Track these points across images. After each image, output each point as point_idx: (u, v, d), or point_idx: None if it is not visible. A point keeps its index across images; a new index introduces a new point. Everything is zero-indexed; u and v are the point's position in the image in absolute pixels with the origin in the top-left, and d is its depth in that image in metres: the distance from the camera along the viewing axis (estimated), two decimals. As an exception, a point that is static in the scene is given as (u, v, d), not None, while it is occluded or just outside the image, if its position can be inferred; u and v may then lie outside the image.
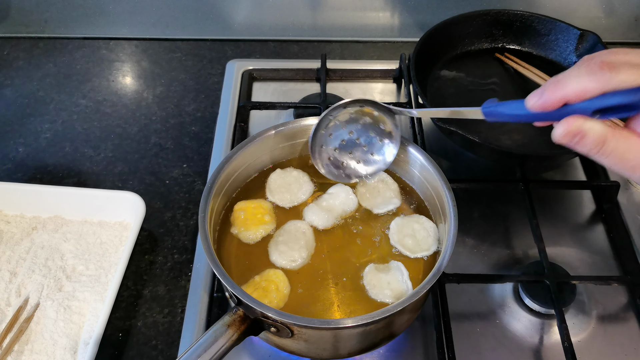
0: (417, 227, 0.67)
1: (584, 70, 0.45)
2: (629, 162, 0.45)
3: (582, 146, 0.46)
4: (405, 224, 0.68)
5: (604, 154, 0.45)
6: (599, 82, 0.44)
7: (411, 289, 0.62)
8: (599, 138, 0.45)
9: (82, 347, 0.68)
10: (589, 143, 0.45)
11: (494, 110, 0.54)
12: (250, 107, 0.96)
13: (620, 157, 0.45)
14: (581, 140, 0.45)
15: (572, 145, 0.46)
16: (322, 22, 1.13)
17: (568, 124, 0.45)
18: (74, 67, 1.08)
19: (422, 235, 0.67)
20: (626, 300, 0.74)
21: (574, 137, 0.46)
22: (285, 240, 0.66)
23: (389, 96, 1.01)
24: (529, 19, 0.97)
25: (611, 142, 0.45)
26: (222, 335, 0.55)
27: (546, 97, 0.47)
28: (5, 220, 0.81)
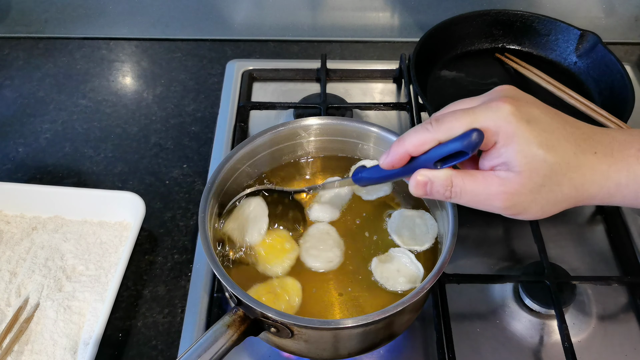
0: (419, 222, 0.68)
1: (419, 127, 0.50)
2: (480, 197, 0.49)
3: (435, 193, 0.50)
4: (408, 217, 0.68)
5: (456, 195, 0.50)
6: (430, 133, 0.49)
7: (422, 269, 0.63)
8: (445, 182, 0.49)
9: (82, 347, 0.68)
10: (439, 188, 0.50)
11: (361, 176, 0.60)
12: (250, 107, 0.96)
13: (472, 193, 0.49)
14: (432, 188, 0.50)
15: (428, 194, 0.51)
16: (322, 22, 1.13)
17: (415, 176, 0.51)
18: (74, 67, 1.08)
19: (421, 231, 0.67)
20: (626, 300, 0.74)
21: (424, 187, 0.50)
22: (314, 244, 0.66)
23: (389, 96, 1.01)
24: (529, 19, 0.97)
25: (457, 182, 0.49)
26: (222, 335, 0.55)
27: (392, 154, 0.52)
28: (5, 220, 0.81)
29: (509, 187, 0.48)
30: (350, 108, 0.95)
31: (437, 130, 0.49)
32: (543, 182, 0.47)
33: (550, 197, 0.48)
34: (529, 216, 0.50)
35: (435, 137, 0.49)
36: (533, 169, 0.47)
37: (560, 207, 0.50)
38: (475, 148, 0.47)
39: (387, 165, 0.53)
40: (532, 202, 0.48)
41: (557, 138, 0.48)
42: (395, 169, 0.53)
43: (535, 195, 0.48)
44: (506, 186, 0.48)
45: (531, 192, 0.48)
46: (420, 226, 0.67)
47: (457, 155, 0.49)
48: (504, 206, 0.49)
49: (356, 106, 0.96)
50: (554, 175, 0.47)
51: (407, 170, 0.52)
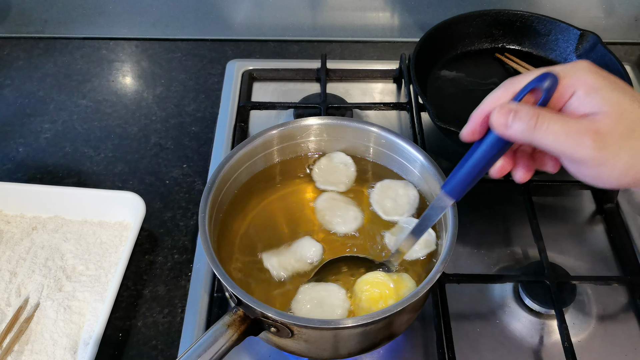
0: (402, 192, 0.69)
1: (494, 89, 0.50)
2: (570, 133, 0.45)
3: (519, 120, 0.46)
4: (391, 187, 0.70)
5: (541, 127, 0.45)
6: (503, 88, 0.49)
7: (433, 234, 0.65)
8: (531, 110, 0.46)
9: (82, 347, 0.68)
10: (524, 116, 0.46)
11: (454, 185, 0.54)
12: (250, 107, 0.96)
13: (560, 129, 0.45)
14: (516, 115, 0.46)
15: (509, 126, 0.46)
16: (322, 22, 1.13)
17: (500, 106, 0.47)
18: (74, 67, 1.08)
19: (402, 201, 0.68)
20: (626, 300, 0.74)
21: (508, 114, 0.46)
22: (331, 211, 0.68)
23: (389, 96, 1.01)
24: (529, 19, 0.97)
25: (545, 116, 0.45)
26: (222, 335, 0.55)
27: (471, 120, 0.50)
28: (5, 220, 0.81)
29: (600, 125, 0.45)
30: (350, 108, 0.95)
31: (510, 84, 0.48)
32: (633, 127, 0.45)
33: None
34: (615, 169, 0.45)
35: (510, 90, 0.48)
36: (622, 111, 0.45)
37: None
38: (550, 89, 0.45)
39: (467, 133, 0.51)
40: (621, 149, 0.45)
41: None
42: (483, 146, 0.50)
43: (626, 142, 0.45)
44: (597, 124, 0.45)
45: (622, 136, 0.45)
46: (402, 197, 0.68)
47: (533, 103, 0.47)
48: (595, 145, 0.44)
49: (356, 106, 0.96)
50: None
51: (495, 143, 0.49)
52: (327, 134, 0.73)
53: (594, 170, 0.46)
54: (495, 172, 0.52)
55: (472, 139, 0.51)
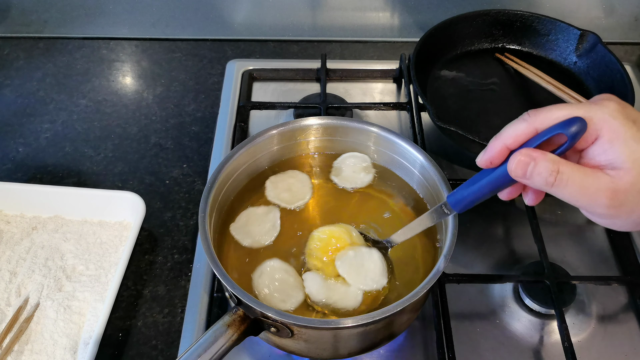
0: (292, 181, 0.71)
1: (516, 120, 0.49)
2: (588, 190, 0.45)
3: (537, 175, 0.46)
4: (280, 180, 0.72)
5: (561, 183, 0.45)
6: (527, 123, 0.48)
7: None
8: (552, 164, 0.45)
9: (82, 347, 0.68)
10: (543, 170, 0.46)
11: (460, 198, 0.55)
12: (250, 107, 0.96)
13: (579, 185, 0.45)
14: (535, 168, 0.46)
15: (528, 177, 0.47)
16: (322, 22, 1.13)
17: (518, 153, 0.47)
18: (74, 67, 1.08)
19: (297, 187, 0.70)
20: (626, 300, 0.74)
21: (527, 166, 0.46)
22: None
23: (389, 96, 1.01)
24: (529, 19, 0.97)
25: (566, 168, 0.45)
26: (222, 335, 0.55)
27: (489, 149, 0.50)
28: (5, 220, 0.81)
29: (619, 184, 0.44)
30: (350, 108, 0.95)
31: (534, 119, 0.47)
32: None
33: None
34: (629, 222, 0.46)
35: (533, 126, 0.47)
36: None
37: None
38: (576, 136, 0.45)
39: (485, 161, 0.51)
40: (638, 205, 0.45)
41: None
42: (497, 173, 0.50)
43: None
44: (615, 183, 0.44)
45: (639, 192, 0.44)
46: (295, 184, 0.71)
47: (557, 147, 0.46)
48: (611, 204, 0.45)
49: (356, 106, 0.96)
50: None
51: (507, 177, 0.49)
52: (327, 134, 0.73)
53: (608, 222, 0.48)
54: (504, 196, 0.53)
55: (489, 167, 0.51)
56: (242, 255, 0.66)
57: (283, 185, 0.71)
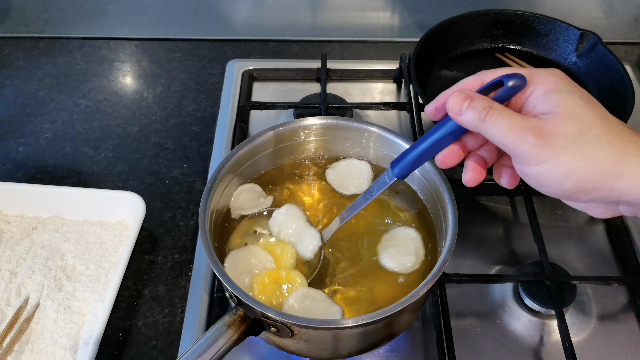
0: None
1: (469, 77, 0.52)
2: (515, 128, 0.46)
3: (471, 110, 0.47)
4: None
5: (491, 118, 0.46)
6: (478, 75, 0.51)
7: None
8: (486, 102, 0.47)
9: (82, 347, 0.68)
10: (477, 106, 0.47)
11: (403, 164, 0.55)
12: (250, 107, 0.96)
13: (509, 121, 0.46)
14: (470, 104, 0.47)
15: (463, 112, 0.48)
16: (322, 22, 1.13)
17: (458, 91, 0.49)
18: (74, 67, 1.08)
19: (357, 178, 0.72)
20: (626, 300, 0.74)
21: (464, 100, 0.48)
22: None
23: (389, 96, 1.01)
24: (529, 19, 0.97)
25: (496, 109, 0.47)
26: (222, 335, 0.55)
27: (438, 98, 0.52)
28: (6, 220, 0.81)
29: (547, 124, 0.46)
30: (350, 108, 0.95)
31: (484, 73, 0.51)
32: (581, 129, 0.45)
33: (586, 150, 0.45)
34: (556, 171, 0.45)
35: (481, 78, 0.51)
36: (573, 114, 0.45)
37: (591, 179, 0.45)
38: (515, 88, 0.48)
39: (430, 109, 0.53)
40: (565, 148, 0.45)
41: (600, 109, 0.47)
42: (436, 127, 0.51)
43: (571, 142, 0.45)
44: (544, 123, 0.46)
45: (567, 136, 0.45)
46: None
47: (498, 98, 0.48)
48: (537, 143, 0.45)
49: (356, 106, 0.96)
50: (594, 128, 0.45)
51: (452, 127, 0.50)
52: (327, 134, 0.73)
53: (536, 170, 0.46)
54: (441, 159, 0.53)
55: (433, 117, 0.53)
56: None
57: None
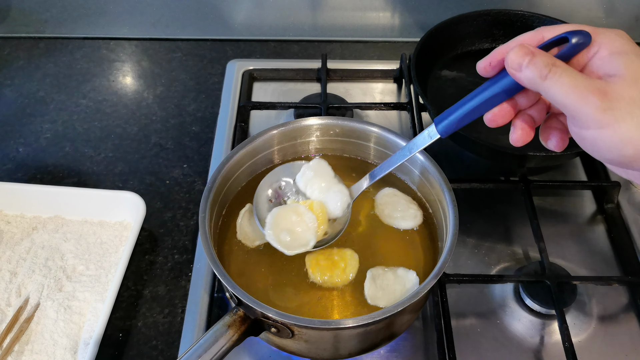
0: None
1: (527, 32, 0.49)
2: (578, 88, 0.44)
3: (533, 65, 0.45)
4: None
5: (554, 76, 0.44)
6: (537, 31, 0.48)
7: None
8: (549, 59, 0.45)
9: (82, 347, 0.68)
10: (539, 62, 0.45)
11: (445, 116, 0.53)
12: (250, 107, 0.96)
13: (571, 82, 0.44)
14: (532, 59, 0.45)
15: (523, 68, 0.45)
16: (323, 22, 1.13)
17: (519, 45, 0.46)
18: (74, 67, 1.08)
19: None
20: (627, 300, 0.74)
21: (525, 56, 0.45)
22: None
23: (389, 96, 1.01)
24: (529, 19, 0.97)
25: (559, 67, 0.44)
26: (223, 335, 0.55)
27: (492, 53, 0.49)
28: (6, 220, 0.81)
29: (612, 87, 0.43)
30: (351, 108, 0.95)
31: (544, 29, 0.48)
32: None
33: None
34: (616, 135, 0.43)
35: (541, 34, 0.48)
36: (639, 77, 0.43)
37: None
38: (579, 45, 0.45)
39: (484, 65, 0.50)
40: (629, 114, 0.43)
41: None
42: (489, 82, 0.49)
43: (635, 108, 0.43)
44: (609, 86, 0.43)
45: (633, 100, 0.43)
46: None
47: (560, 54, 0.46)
48: (601, 105, 0.43)
49: (356, 106, 0.96)
50: None
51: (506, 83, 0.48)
52: (327, 134, 0.73)
53: (595, 134, 0.44)
54: (490, 117, 0.51)
55: (486, 74, 0.50)
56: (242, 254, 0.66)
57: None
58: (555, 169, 0.89)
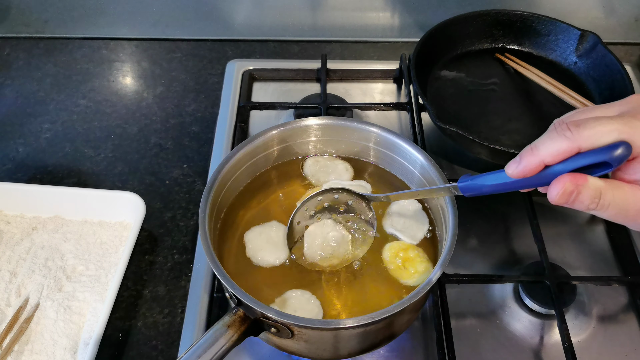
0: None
1: (555, 134, 0.46)
2: (629, 212, 0.46)
3: (579, 203, 0.46)
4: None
5: (602, 207, 0.46)
6: (570, 142, 0.45)
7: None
8: (595, 192, 0.45)
9: (82, 347, 0.68)
10: (585, 199, 0.46)
11: (472, 184, 0.54)
12: (250, 107, 0.96)
13: (620, 207, 0.46)
14: (577, 197, 0.46)
15: (570, 203, 0.46)
16: (322, 22, 1.13)
17: (561, 183, 0.46)
18: (74, 67, 1.08)
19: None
20: (626, 300, 0.74)
21: (570, 196, 0.46)
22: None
23: (389, 96, 1.01)
24: (529, 19, 0.97)
25: (607, 193, 0.45)
26: (222, 335, 0.55)
27: (524, 163, 0.48)
28: (5, 220, 0.81)
29: None
30: (351, 108, 0.95)
31: (578, 137, 0.45)
32: None
33: None
34: None
35: (576, 144, 0.45)
36: None
37: None
38: (621, 162, 0.44)
39: (517, 174, 0.48)
40: None
41: None
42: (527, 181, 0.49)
43: None
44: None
45: None
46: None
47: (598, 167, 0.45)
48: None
49: (356, 106, 0.96)
50: None
51: (537, 179, 0.48)
52: (327, 134, 0.73)
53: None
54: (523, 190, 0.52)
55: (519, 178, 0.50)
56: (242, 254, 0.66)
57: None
58: (555, 169, 0.89)
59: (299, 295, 0.62)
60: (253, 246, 0.66)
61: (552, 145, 0.46)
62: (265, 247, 0.66)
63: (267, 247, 0.66)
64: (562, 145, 0.45)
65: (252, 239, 0.67)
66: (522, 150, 0.48)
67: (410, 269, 0.64)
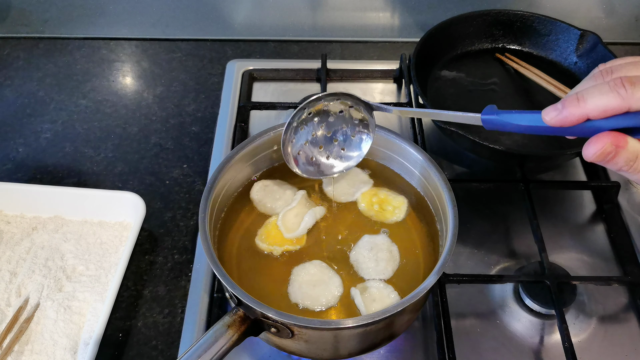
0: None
1: (607, 88, 0.43)
2: None
3: (613, 164, 0.45)
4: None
5: (635, 170, 0.45)
6: (622, 101, 0.42)
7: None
8: (632, 155, 0.44)
9: (82, 348, 0.68)
10: (621, 161, 0.44)
11: (498, 119, 0.50)
12: (250, 107, 0.96)
13: None
14: (613, 159, 0.44)
15: (604, 162, 0.45)
16: (322, 22, 1.13)
17: (600, 143, 0.44)
18: (74, 67, 1.08)
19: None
20: (626, 300, 0.74)
21: (607, 156, 0.44)
22: None
23: (389, 96, 1.01)
24: (529, 19, 0.97)
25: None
26: (222, 335, 0.55)
27: (567, 113, 0.45)
28: (6, 220, 0.81)
29: None
30: (351, 108, 0.95)
31: (631, 97, 0.42)
32: None
33: None
34: None
35: (627, 104, 0.42)
36: None
37: None
38: None
39: (556, 123, 0.45)
40: None
41: None
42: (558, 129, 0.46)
43: None
44: None
45: None
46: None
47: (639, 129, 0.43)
48: None
49: (356, 106, 0.95)
50: None
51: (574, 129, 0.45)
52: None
53: None
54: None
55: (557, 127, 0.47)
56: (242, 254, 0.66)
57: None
58: (555, 169, 0.89)
59: (311, 269, 0.64)
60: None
61: (602, 100, 0.43)
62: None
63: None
64: (613, 103, 0.43)
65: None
66: (566, 98, 0.45)
67: (389, 207, 0.68)
